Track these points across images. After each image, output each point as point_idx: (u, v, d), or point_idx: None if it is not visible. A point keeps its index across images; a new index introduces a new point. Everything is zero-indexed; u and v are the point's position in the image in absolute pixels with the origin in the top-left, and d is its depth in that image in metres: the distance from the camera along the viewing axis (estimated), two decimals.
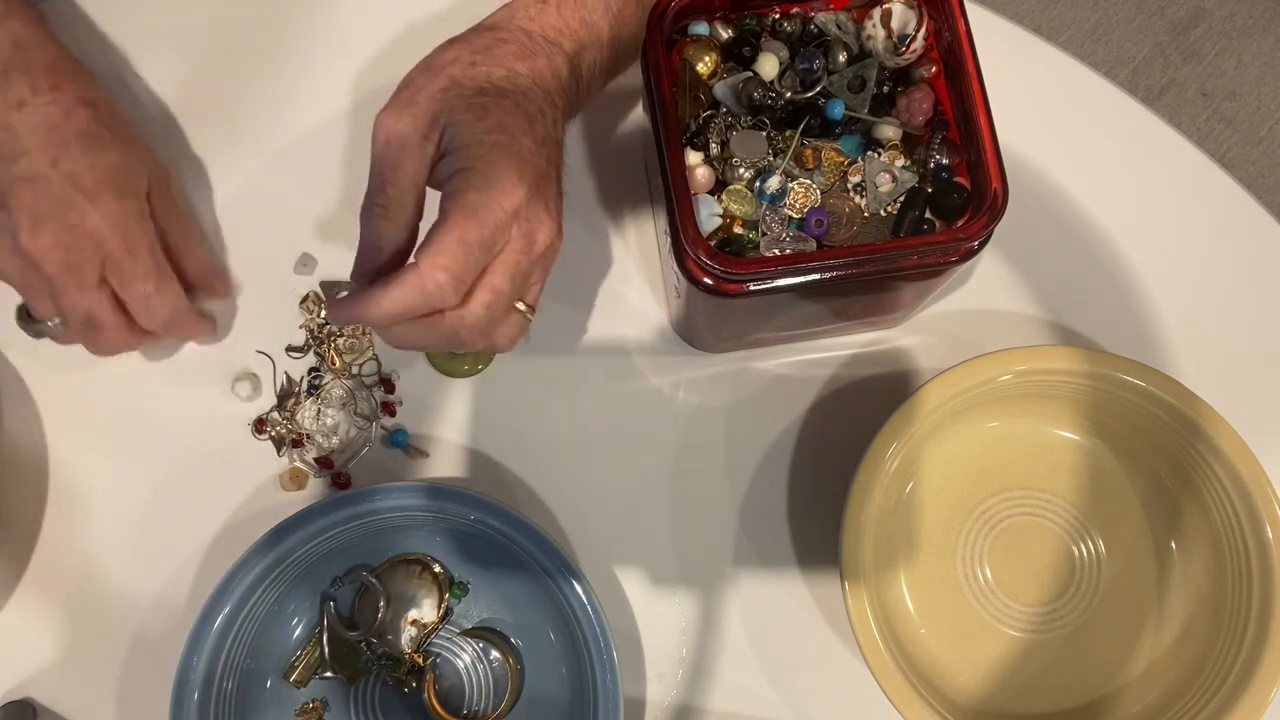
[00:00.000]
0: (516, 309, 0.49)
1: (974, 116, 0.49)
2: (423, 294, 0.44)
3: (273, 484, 0.64)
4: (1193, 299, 0.65)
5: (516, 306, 0.49)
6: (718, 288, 0.50)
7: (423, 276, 0.44)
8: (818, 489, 0.64)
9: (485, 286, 0.47)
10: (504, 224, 0.46)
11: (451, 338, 0.47)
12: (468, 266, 0.45)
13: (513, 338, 0.50)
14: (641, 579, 0.63)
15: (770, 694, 0.62)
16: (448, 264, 0.44)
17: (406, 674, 0.61)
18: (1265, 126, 1.47)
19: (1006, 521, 0.62)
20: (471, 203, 0.45)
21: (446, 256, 0.44)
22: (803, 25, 0.52)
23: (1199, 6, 1.50)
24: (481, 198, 0.45)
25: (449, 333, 0.47)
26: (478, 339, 0.48)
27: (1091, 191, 0.66)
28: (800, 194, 0.50)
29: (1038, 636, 0.61)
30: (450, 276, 0.44)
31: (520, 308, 0.49)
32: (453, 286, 0.45)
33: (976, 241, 0.49)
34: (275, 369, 0.65)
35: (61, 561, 0.63)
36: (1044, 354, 0.58)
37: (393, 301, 0.45)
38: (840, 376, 0.65)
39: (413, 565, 0.62)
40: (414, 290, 0.44)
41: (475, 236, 0.45)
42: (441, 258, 0.44)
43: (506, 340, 0.50)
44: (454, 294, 0.45)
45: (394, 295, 0.44)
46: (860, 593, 0.56)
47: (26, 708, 0.61)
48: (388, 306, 0.45)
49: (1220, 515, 0.58)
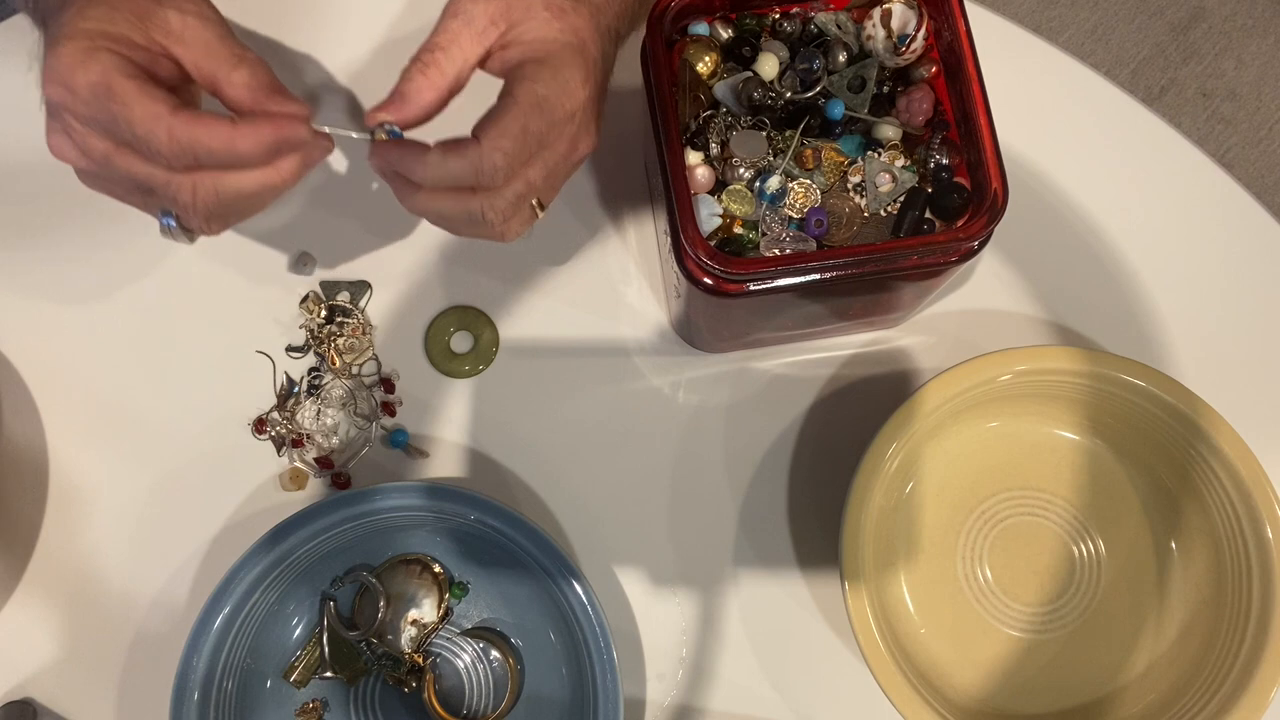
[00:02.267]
0: (532, 205, 0.50)
1: (974, 116, 0.49)
2: (476, 170, 0.45)
3: (273, 484, 0.64)
4: (1193, 299, 0.65)
5: (532, 202, 0.49)
6: (718, 288, 0.50)
7: (482, 153, 0.45)
8: (818, 489, 0.64)
9: (521, 177, 0.47)
10: (562, 123, 0.46)
11: (473, 216, 0.48)
12: (522, 154, 0.46)
13: (519, 231, 0.51)
14: (641, 579, 0.63)
15: (770, 694, 0.62)
16: (508, 148, 0.45)
17: (406, 674, 0.61)
18: (1265, 126, 1.47)
19: (1007, 521, 0.62)
20: (540, 95, 0.45)
21: (509, 140, 0.45)
22: (803, 25, 0.52)
23: (1199, 6, 1.50)
24: (550, 93, 0.46)
25: (474, 211, 0.47)
26: (495, 223, 0.48)
27: (1091, 191, 0.66)
28: (800, 194, 0.50)
29: (1038, 636, 0.61)
30: (506, 160, 0.45)
31: (534, 203, 0.50)
32: (505, 170, 0.45)
33: (976, 241, 0.49)
34: (275, 369, 0.65)
35: (61, 561, 0.63)
36: (1044, 354, 0.58)
37: (445, 168, 0.45)
38: (840, 376, 0.65)
39: (413, 565, 0.62)
40: (470, 164, 0.45)
41: (536, 128, 0.45)
42: (504, 140, 0.45)
43: (514, 232, 0.50)
44: (503, 178, 0.46)
45: (449, 163, 0.45)
46: (860, 593, 0.56)
47: (26, 708, 0.61)
48: (437, 170, 0.45)
49: (1220, 515, 0.58)
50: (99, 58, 0.44)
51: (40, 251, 0.65)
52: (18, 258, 0.65)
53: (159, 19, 0.46)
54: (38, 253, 0.65)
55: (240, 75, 0.46)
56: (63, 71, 0.45)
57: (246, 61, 0.46)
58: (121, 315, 0.65)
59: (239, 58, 0.46)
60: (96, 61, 0.44)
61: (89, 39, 0.45)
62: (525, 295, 0.65)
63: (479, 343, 0.65)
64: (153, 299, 0.65)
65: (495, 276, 0.65)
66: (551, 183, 0.49)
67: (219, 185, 0.46)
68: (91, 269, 0.65)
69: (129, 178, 0.46)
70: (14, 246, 0.65)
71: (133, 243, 0.65)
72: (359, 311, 0.65)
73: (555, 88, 0.46)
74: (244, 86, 0.46)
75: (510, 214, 0.48)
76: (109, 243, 0.65)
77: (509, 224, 0.49)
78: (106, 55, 0.44)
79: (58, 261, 0.65)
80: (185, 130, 0.44)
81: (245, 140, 0.44)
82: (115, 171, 0.47)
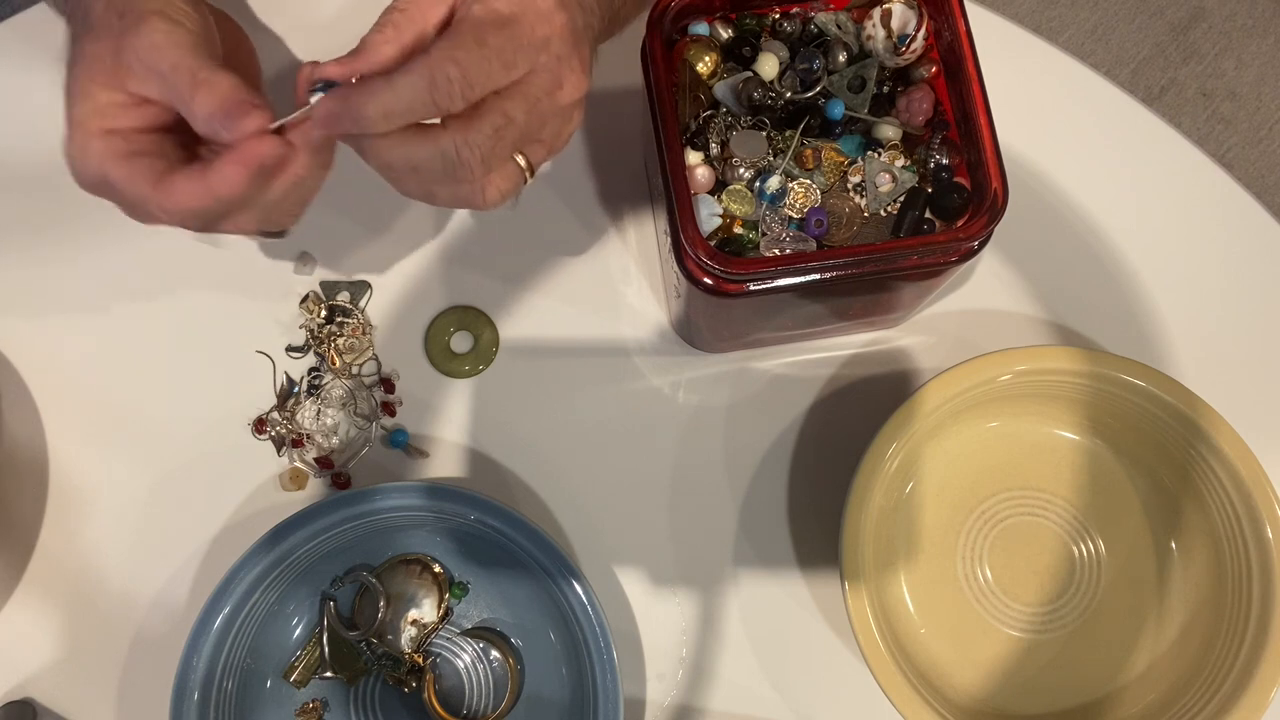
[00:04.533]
0: (517, 161, 0.45)
1: (974, 116, 0.49)
2: (429, 85, 0.40)
3: (273, 484, 0.64)
4: (1193, 299, 0.65)
5: (517, 159, 0.45)
6: (718, 288, 0.50)
7: (431, 65, 0.40)
8: (818, 489, 0.64)
9: (497, 109, 0.42)
10: (530, 45, 0.42)
11: (447, 161, 0.43)
12: (482, 70, 0.41)
13: (504, 191, 0.46)
14: (641, 579, 0.63)
15: (770, 694, 0.62)
16: (461, 58, 0.40)
17: (406, 674, 0.61)
18: (1265, 126, 1.47)
19: (1007, 521, 0.62)
20: (502, 13, 0.41)
21: (462, 51, 0.40)
22: (803, 25, 0.52)
23: (1199, 6, 1.50)
24: (514, 11, 0.41)
25: (447, 152, 0.42)
26: (475, 169, 0.43)
27: (1091, 191, 0.66)
28: (800, 194, 0.50)
29: (1038, 636, 0.61)
30: (461, 73, 0.40)
31: (521, 162, 0.45)
32: (461, 86, 0.40)
33: (976, 241, 0.49)
34: (275, 369, 0.65)
35: (61, 561, 0.63)
36: (1044, 354, 0.58)
37: (394, 91, 0.40)
38: (840, 376, 0.65)
39: (413, 565, 0.62)
40: (420, 79, 0.40)
41: (496, 41, 0.41)
42: (457, 50, 0.40)
43: (497, 191, 0.46)
44: (461, 96, 0.41)
45: (397, 84, 0.40)
46: (860, 593, 0.56)
47: (26, 708, 0.61)
48: (387, 97, 0.40)
49: (1220, 515, 0.58)
50: (91, 149, 0.45)
51: (41, 252, 0.65)
52: (18, 258, 0.65)
53: (126, 68, 0.45)
54: (38, 253, 0.65)
55: (198, 106, 0.43)
56: (76, 170, 0.46)
57: (200, 87, 0.43)
58: (122, 315, 0.65)
59: (195, 83, 0.43)
60: (91, 155, 0.45)
61: (80, 131, 0.45)
62: (525, 295, 0.65)
63: (479, 343, 0.65)
64: (153, 299, 0.65)
65: (495, 276, 0.65)
66: (537, 126, 0.44)
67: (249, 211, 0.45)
68: (92, 269, 0.65)
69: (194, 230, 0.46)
70: (15, 247, 0.65)
71: (133, 243, 0.65)
72: (359, 311, 0.65)
73: (522, 7, 0.41)
74: (203, 119, 0.43)
75: (489, 159, 0.43)
76: (110, 243, 0.65)
77: (491, 177, 0.45)
78: (97, 144, 0.44)
79: (58, 262, 0.65)
80: (169, 200, 0.43)
81: (221, 186, 0.42)
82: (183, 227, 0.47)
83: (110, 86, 0.45)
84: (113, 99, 0.45)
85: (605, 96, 0.59)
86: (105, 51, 0.45)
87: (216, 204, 0.43)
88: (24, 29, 0.66)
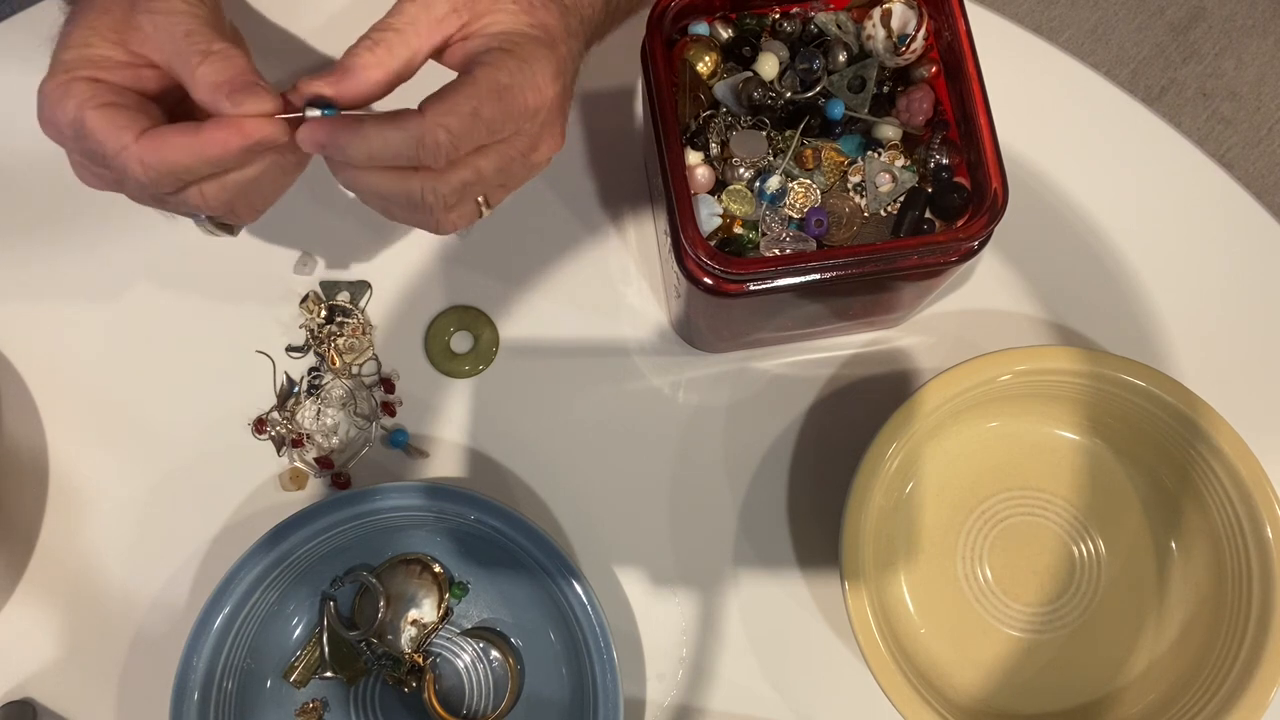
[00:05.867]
0: (477, 200, 0.47)
1: (974, 116, 0.49)
2: (418, 145, 0.42)
3: (273, 484, 0.64)
4: (1193, 299, 0.65)
5: (478, 199, 0.47)
6: (718, 288, 0.50)
7: (424, 127, 0.42)
8: (818, 489, 0.64)
9: (471, 166, 0.44)
10: (521, 118, 0.44)
11: (412, 200, 0.45)
12: (470, 138, 0.43)
13: (458, 225, 0.48)
14: (641, 579, 0.63)
15: (770, 694, 0.62)
16: (454, 126, 0.42)
17: (406, 674, 0.61)
18: (1265, 126, 1.47)
19: (1006, 521, 0.62)
20: (502, 83, 0.43)
21: (455, 119, 0.42)
22: (803, 25, 0.52)
23: (1199, 6, 1.50)
24: (514, 84, 0.43)
25: (414, 194, 0.44)
26: (436, 210, 0.45)
27: (1091, 191, 0.66)
28: (800, 194, 0.50)
29: (1038, 636, 0.61)
30: (450, 140, 0.42)
31: (480, 200, 0.47)
32: (447, 150, 0.42)
33: (976, 241, 0.49)
34: (275, 369, 0.65)
35: (61, 561, 0.63)
36: (1044, 354, 0.58)
37: (384, 140, 0.42)
38: (840, 376, 0.65)
39: (413, 565, 0.62)
40: (410, 138, 0.42)
41: (489, 114, 0.43)
42: (450, 118, 0.42)
43: (451, 225, 0.48)
44: (444, 158, 0.43)
45: (388, 135, 0.42)
46: (860, 593, 0.56)
47: (26, 708, 0.61)
48: (376, 144, 0.42)
49: (1220, 515, 0.58)
50: (74, 91, 0.44)
51: (41, 251, 0.65)
52: (18, 257, 0.65)
53: (134, 27, 0.44)
54: (38, 252, 0.65)
55: (204, 72, 0.43)
56: (46, 110, 0.44)
57: (213, 56, 0.43)
58: (122, 315, 0.65)
59: (204, 53, 0.43)
60: (71, 96, 0.44)
61: (66, 71, 0.44)
62: (525, 295, 0.65)
63: (479, 343, 0.65)
64: (153, 299, 0.65)
65: (495, 276, 0.65)
66: (504, 181, 0.47)
67: (222, 182, 0.45)
68: (92, 269, 0.65)
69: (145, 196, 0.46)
70: (14, 245, 0.65)
71: (133, 242, 0.65)
72: (359, 311, 0.65)
73: (521, 79, 0.43)
74: (207, 86, 0.43)
75: (453, 203, 0.46)
76: (109, 242, 0.65)
77: (449, 214, 0.47)
78: (81, 86, 0.44)
79: (58, 261, 0.65)
80: (152, 154, 0.42)
81: (212, 148, 0.42)
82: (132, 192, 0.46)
83: (112, 41, 0.45)
84: (111, 54, 0.45)
85: (605, 96, 0.59)
86: (119, 6, 0.45)
87: (200, 164, 0.43)
88: (25, 28, 0.66)
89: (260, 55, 0.46)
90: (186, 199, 0.45)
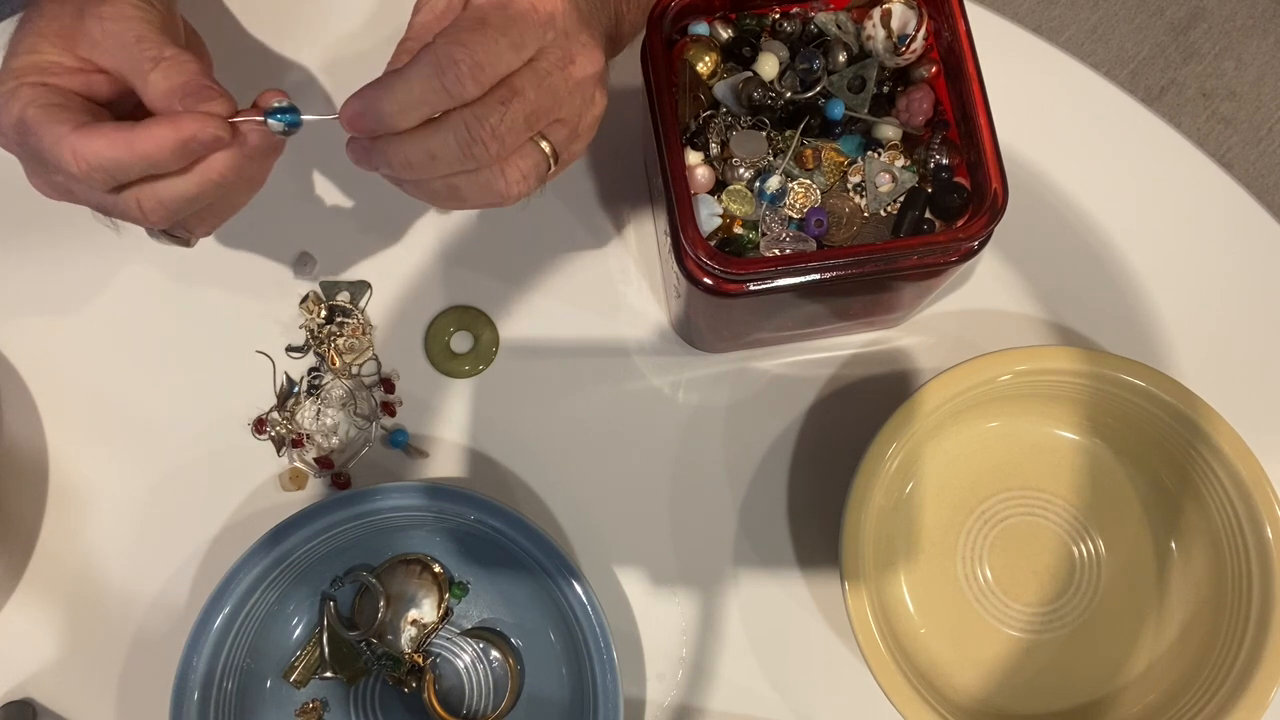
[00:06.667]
0: (539, 145, 0.44)
1: (974, 116, 0.49)
2: (437, 70, 0.40)
3: (273, 484, 0.64)
4: (1193, 299, 0.65)
5: (539, 142, 0.44)
6: (718, 288, 0.50)
7: (437, 53, 0.40)
8: (818, 489, 0.64)
9: (505, 84, 0.42)
10: (535, 23, 0.42)
11: (460, 138, 0.42)
12: (488, 50, 0.40)
13: (526, 177, 0.44)
14: (641, 579, 0.63)
15: (770, 694, 0.62)
16: (465, 39, 0.40)
17: (406, 674, 0.61)
18: (1265, 126, 1.47)
19: (1006, 521, 0.62)
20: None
21: (465, 33, 0.40)
22: (803, 25, 0.52)
23: (1199, 6, 1.50)
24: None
25: (457, 128, 0.41)
26: (490, 145, 0.42)
27: (1091, 191, 0.66)
28: (800, 194, 0.50)
29: (1038, 636, 0.61)
30: (468, 54, 0.40)
31: (544, 146, 0.44)
32: (470, 68, 0.40)
33: (976, 241, 0.49)
34: (275, 369, 0.65)
35: (61, 561, 0.63)
36: (1044, 354, 0.58)
37: (406, 84, 0.40)
38: (840, 376, 0.65)
39: (413, 565, 0.62)
40: (429, 69, 0.40)
41: (498, 21, 0.41)
42: (461, 33, 0.40)
43: (519, 177, 0.44)
44: (471, 79, 0.40)
45: (407, 74, 0.40)
46: (860, 593, 0.56)
47: (26, 708, 0.61)
48: (401, 92, 0.40)
49: (1220, 515, 0.58)
50: (19, 95, 0.44)
51: (41, 251, 0.65)
52: (18, 258, 0.65)
53: (83, 33, 0.44)
54: (39, 253, 0.65)
55: (156, 78, 0.42)
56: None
57: (164, 62, 0.43)
58: (122, 315, 0.65)
59: (155, 59, 0.43)
60: (16, 100, 0.43)
61: (14, 78, 0.44)
62: (525, 295, 0.65)
63: (479, 343, 0.65)
64: (153, 299, 0.65)
65: (495, 276, 0.65)
66: (550, 102, 0.43)
67: (159, 194, 0.44)
68: (92, 269, 0.65)
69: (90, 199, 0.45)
70: (15, 247, 0.65)
71: (133, 242, 0.65)
72: (359, 311, 0.65)
73: None
74: (159, 92, 0.43)
75: (505, 134, 0.42)
76: (110, 242, 0.65)
77: (510, 160, 0.44)
78: (27, 91, 0.44)
79: (58, 261, 0.65)
80: (85, 145, 0.42)
81: (146, 143, 0.41)
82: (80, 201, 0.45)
83: (61, 48, 0.44)
84: (60, 60, 0.44)
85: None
86: (67, 13, 0.45)
87: (133, 160, 0.42)
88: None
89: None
90: (124, 207, 0.44)
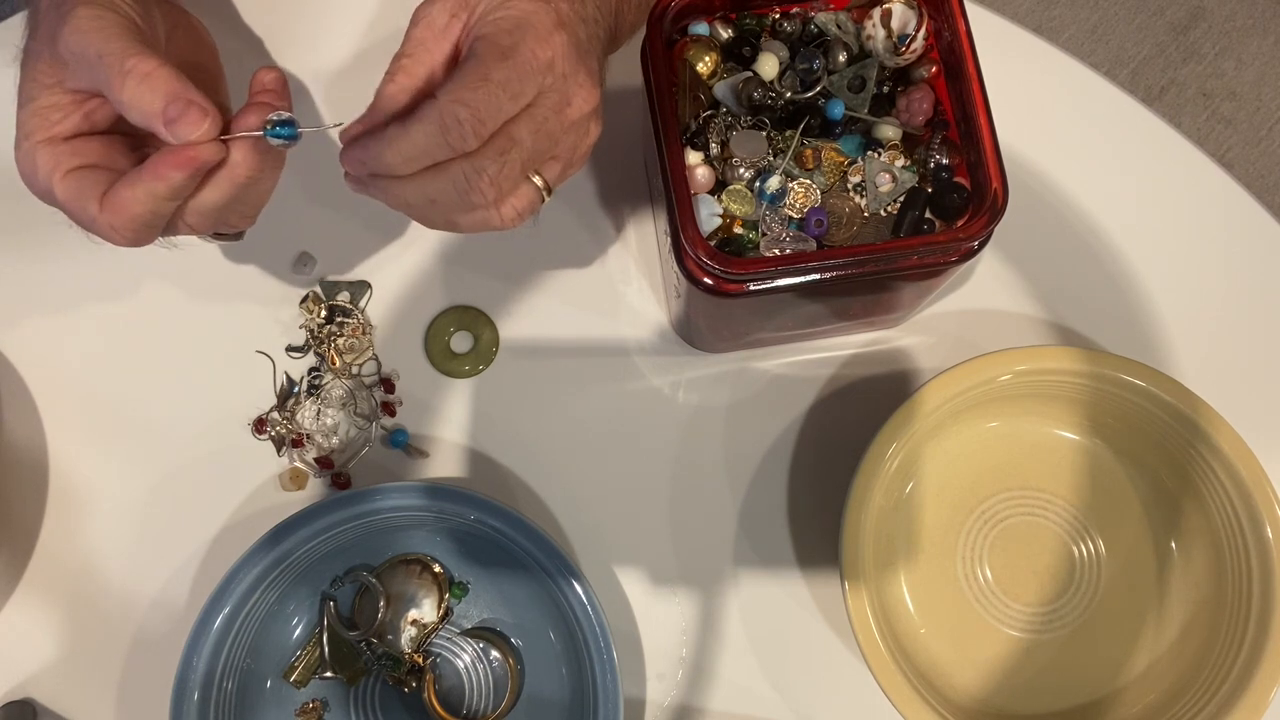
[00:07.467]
0: (533, 181, 0.46)
1: (974, 116, 0.49)
2: (441, 129, 0.42)
3: (273, 484, 0.64)
4: (1193, 299, 0.65)
5: (533, 179, 0.46)
6: (718, 288, 0.50)
7: (441, 110, 0.41)
8: (818, 489, 0.64)
9: (503, 134, 0.43)
10: (534, 71, 0.43)
11: (459, 186, 0.44)
12: (490, 107, 0.42)
13: (521, 211, 0.46)
14: (641, 579, 0.63)
15: (770, 694, 0.62)
16: (468, 98, 0.42)
17: (406, 674, 0.61)
18: (1265, 126, 1.47)
19: (1007, 521, 0.62)
20: (502, 45, 0.42)
21: (468, 90, 0.42)
22: (803, 25, 0.52)
23: (1199, 6, 1.50)
24: (514, 43, 0.42)
25: (459, 182, 0.43)
26: (488, 192, 0.44)
27: (1091, 191, 0.66)
28: (800, 194, 0.50)
29: (1038, 636, 0.61)
30: (470, 113, 0.42)
31: (537, 182, 0.46)
32: (472, 125, 0.42)
33: (976, 241, 0.49)
34: (275, 369, 0.65)
35: (61, 561, 0.63)
36: (1044, 354, 0.58)
37: (410, 139, 0.42)
38: (840, 376, 0.65)
39: (413, 565, 0.62)
40: (431, 125, 0.41)
41: (500, 76, 0.42)
42: (463, 91, 0.42)
43: (513, 212, 0.46)
44: (473, 135, 0.42)
45: (411, 132, 0.42)
46: (860, 593, 0.56)
47: (26, 708, 0.61)
48: (404, 145, 0.42)
49: (1220, 515, 0.58)
50: (38, 162, 0.45)
51: (41, 252, 0.65)
52: (18, 258, 0.65)
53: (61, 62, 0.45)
54: (38, 253, 0.65)
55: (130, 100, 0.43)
56: (25, 179, 0.46)
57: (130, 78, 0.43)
58: (122, 315, 0.65)
59: (122, 75, 0.43)
60: (38, 168, 0.45)
61: (25, 138, 0.45)
62: (525, 295, 0.65)
63: (479, 343, 0.65)
64: (153, 299, 0.65)
65: (495, 276, 0.65)
66: (547, 145, 0.45)
67: (199, 210, 0.45)
68: (92, 269, 0.65)
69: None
70: (14, 247, 0.65)
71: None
72: (359, 311, 0.65)
73: (520, 36, 0.43)
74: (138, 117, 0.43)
75: (503, 182, 0.44)
76: (109, 243, 0.65)
77: (506, 200, 0.46)
78: (43, 155, 0.45)
79: (58, 261, 0.65)
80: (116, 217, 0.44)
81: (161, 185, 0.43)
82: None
83: (50, 87, 0.45)
84: (55, 101, 0.45)
85: (605, 96, 0.59)
86: (43, 48, 0.45)
87: (160, 204, 0.44)
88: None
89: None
90: (174, 230, 0.47)
